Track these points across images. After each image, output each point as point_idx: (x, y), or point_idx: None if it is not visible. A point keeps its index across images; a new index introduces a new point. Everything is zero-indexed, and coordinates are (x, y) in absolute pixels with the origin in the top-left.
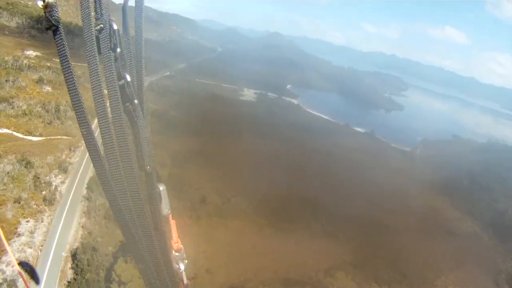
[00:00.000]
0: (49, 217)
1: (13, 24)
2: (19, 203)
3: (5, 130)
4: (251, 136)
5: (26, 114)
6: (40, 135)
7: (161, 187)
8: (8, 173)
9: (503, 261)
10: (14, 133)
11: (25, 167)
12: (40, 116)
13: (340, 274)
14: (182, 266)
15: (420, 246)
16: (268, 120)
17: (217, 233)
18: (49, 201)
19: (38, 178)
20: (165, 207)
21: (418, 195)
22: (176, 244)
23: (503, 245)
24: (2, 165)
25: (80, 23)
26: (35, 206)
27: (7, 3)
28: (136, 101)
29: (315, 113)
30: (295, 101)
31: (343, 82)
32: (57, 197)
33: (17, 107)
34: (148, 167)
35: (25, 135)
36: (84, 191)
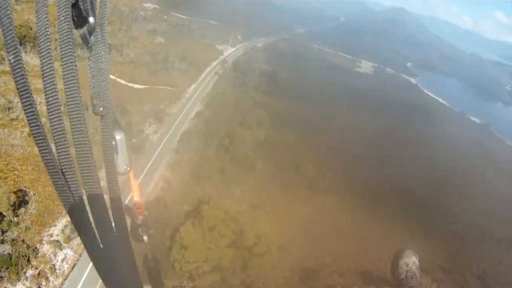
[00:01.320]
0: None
1: None
2: None
3: (110, 76)
4: (361, 110)
5: (133, 62)
6: (143, 83)
7: (118, 136)
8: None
9: None
10: (118, 79)
11: (120, 112)
12: (146, 65)
13: (425, 280)
14: (145, 238)
15: None
16: (381, 95)
17: (303, 208)
18: (137, 149)
19: (131, 125)
20: (123, 163)
21: None
22: (139, 209)
23: None
24: None
25: None
26: None
27: None
28: (91, 19)
29: (432, 95)
30: (412, 80)
31: (464, 68)
32: (146, 145)
33: (125, 55)
34: (101, 109)
35: (128, 82)
36: (175, 144)
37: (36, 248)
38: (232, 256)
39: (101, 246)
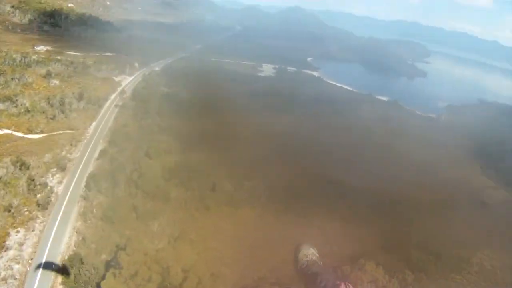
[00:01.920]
0: (42, 224)
1: (25, 21)
2: (10, 211)
3: (5, 131)
4: (268, 113)
5: (29, 111)
6: (42, 132)
7: None
8: (0, 178)
9: None
10: (14, 132)
11: (20, 169)
12: (43, 112)
13: (369, 266)
14: None
15: (453, 221)
16: (287, 94)
17: (228, 226)
18: (43, 205)
19: (33, 180)
20: None
21: (448, 164)
22: None
23: None
24: None
25: None
26: (27, 212)
27: (20, 1)
28: None
29: (337, 84)
30: (315, 74)
31: (364, 52)
32: (52, 199)
33: (20, 105)
34: None
35: (26, 133)
36: (82, 190)
37: None
38: None
39: None
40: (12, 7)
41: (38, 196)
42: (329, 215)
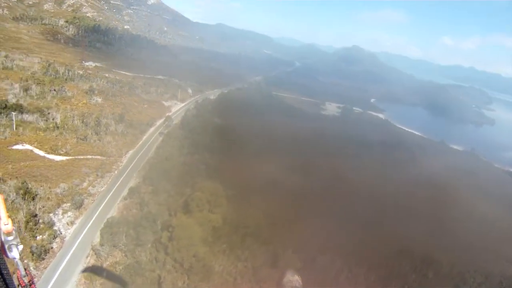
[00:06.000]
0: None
1: (78, 37)
2: None
3: (26, 146)
4: (341, 158)
5: (58, 127)
6: (66, 154)
7: None
8: None
9: None
10: (35, 150)
11: (22, 198)
12: (75, 130)
13: None
14: (16, 254)
15: None
16: (358, 137)
17: None
18: (39, 255)
19: (35, 216)
20: None
21: None
22: (6, 225)
23: None
24: None
25: None
26: None
27: (74, 17)
28: None
29: (406, 128)
30: (381, 116)
31: (427, 96)
32: (55, 246)
33: (51, 119)
34: None
35: (48, 153)
36: (96, 240)
37: None
38: None
39: None
40: (66, 21)
41: (38, 238)
42: None
